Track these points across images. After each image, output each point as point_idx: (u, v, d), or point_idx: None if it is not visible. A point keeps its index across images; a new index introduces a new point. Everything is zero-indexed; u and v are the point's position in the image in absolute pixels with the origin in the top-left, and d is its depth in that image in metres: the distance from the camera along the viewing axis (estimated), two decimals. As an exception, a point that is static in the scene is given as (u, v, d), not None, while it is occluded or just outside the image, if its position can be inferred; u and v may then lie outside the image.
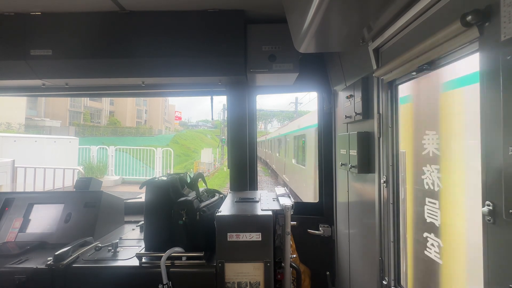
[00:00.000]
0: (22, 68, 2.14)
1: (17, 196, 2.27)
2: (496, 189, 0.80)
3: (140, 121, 52.27)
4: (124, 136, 38.63)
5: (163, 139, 41.51)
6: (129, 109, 49.24)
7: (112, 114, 47.49)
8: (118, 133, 39.54)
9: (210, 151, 22.93)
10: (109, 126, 41.76)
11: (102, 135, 36.97)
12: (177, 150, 38.72)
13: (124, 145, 19.27)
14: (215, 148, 30.34)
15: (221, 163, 26.75)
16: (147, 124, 51.76)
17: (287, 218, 1.63)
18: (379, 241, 1.63)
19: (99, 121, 44.92)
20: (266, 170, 24.93)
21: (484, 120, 0.85)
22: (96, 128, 39.03)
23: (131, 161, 16.52)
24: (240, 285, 1.56)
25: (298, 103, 29.85)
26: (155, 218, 1.74)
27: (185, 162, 31.56)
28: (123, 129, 41.87)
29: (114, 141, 30.99)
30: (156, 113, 55.26)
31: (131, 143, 30.95)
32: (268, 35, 2.19)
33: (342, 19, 1.33)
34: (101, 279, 1.63)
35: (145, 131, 44.22)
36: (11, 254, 1.80)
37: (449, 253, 1.20)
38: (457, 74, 1.13)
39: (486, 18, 0.83)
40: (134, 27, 2.08)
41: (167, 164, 15.23)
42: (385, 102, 1.58)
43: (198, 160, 22.13)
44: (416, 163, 1.40)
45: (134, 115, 50.58)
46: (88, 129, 37.40)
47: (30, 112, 32.95)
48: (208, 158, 21.77)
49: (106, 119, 45.74)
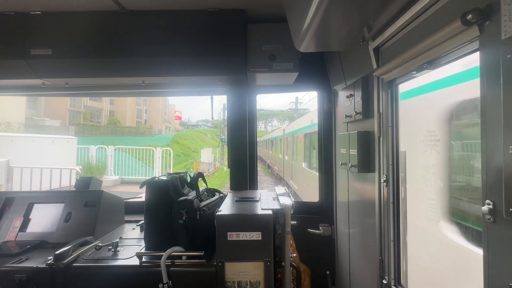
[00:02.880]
0: (22, 68, 2.14)
1: (17, 195, 2.27)
2: (496, 188, 0.80)
3: (140, 120, 52.13)
4: (124, 135, 38.40)
5: (163, 138, 41.35)
6: (129, 108, 49.15)
7: (112, 114, 47.37)
8: (118, 132, 39.30)
9: (210, 151, 22.63)
10: (109, 126, 41.53)
11: (102, 135, 36.72)
12: (177, 150, 38.50)
13: (124, 144, 19.08)
14: (215, 148, 30.11)
15: (221, 163, 26.45)
16: (147, 124, 51.55)
17: (287, 218, 1.63)
18: (379, 241, 1.63)
19: (99, 120, 44.82)
20: (266, 170, 24.43)
21: (484, 118, 0.85)
22: (96, 128, 38.86)
23: (131, 161, 16.42)
24: (240, 284, 1.56)
25: (298, 103, 29.90)
26: (155, 218, 1.74)
27: (185, 161, 31.38)
28: (123, 128, 41.65)
29: (114, 141, 30.75)
30: (156, 112, 55.13)
31: (131, 143, 30.58)
32: (268, 34, 2.19)
33: (342, 18, 1.32)
34: (101, 278, 1.63)
35: (145, 130, 43.99)
36: (11, 253, 1.80)
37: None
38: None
39: (486, 17, 0.83)
40: (134, 27, 2.08)
41: (167, 163, 15.15)
42: (385, 101, 1.58)
43: (198, 160, 21.82)
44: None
45: (134, 114, 50.51)
46: (88, 128, 37.16)
47: (30, 112, 32.71)
48: (208, 158, 21.51)
49: (106, 118, 45.60)
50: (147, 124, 51.79)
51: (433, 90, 1.70)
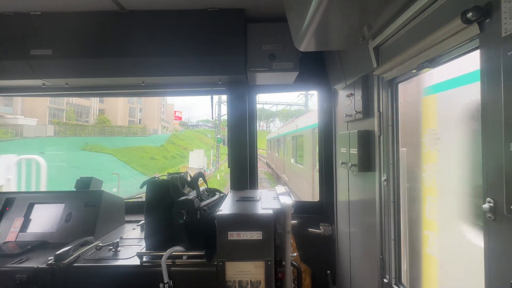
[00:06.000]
0: (22, 68, 2.14)
1: (18, 196, 2.27)
2: (497, 185, 0.80)
3: (133, 119, 49.88)
4: (113, 135, 36.02)
5: (158, 139, 39.38)
6: (121, 107, 46.63)
7: (102, 112, 44.81)
8: (107, 132, 36.99)
9: (202, 153, 18.63)
10: (96, 125, 39.06)
11: (88, 135, 34.31)
12: (173, 151, 36.79)
13: (111, 146, 17.02)
14: (215, 148, 26.68)
15: (217, 167, 21.43)
16: (141, 123, 49.39)
17: (288, 217, 1.63)
18: (380, 240, 1.63)
19: (87, 119, 42.27)
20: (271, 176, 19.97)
21: (485, 116, 0.85)
22: (81, 127, 36.17)
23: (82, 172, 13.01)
24: (241, 284, 1.56)
25: (298, 103, 29.89)
26: (155, 217, 1.74)
27: (180, 164, 28.74)
28: (113, 128, 39.42)
29: (101, 142, 29.08)
30: (151, 111, 53.29)
31: (119, 144, 28.64)
32: (268, 34, 2.19)
33: (342, 17, 1.32)
34: (102, 278, 1.63)
35: (137, 130, 41.96)
36: (12, 253, 1.80)
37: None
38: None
39: (486, 15, 0.83)
40: (134, 27, 2.08)
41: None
42: (386, 101, 1.58)
43: (185, 165, 17.61)
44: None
45: (126, 113, 48.13)
46: (71, 128, 34.55)
47: (5, 109, 30.67)
48: (198, 162, 17.34)
49: (95, 117, 43.00)
50: (142, 123, 49.59)
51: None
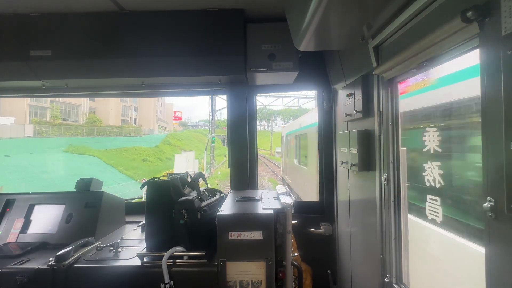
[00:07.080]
0: (22, 69, 2.14)
1: (18, 197, 2.27)
2: (497, 184, 0.80)
3: (126, 119, 46.49)
4: (103, 136, 32.81)
5: (152, 139, 36.81)
6: (113, 105, 43.15)
7: (93, 111, 41.29)
8: (96, 132, 33.75)
9: (192, 155, 15.67)
10: (84, 125, 35.50)
11: (75, 135, 31.11)
12: (168, 152, 34.47)
13: (100, 147, 15.00)
14: (216, 149, 23.61)
15: (211, 172, 17.55)
16: (137, 123, 46.29)
17: (288, 217, 1.63)
18: (381, 239, 1.63)
19: (77, 119, 38.82)
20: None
21: (485, 115, 0.85)
22: (67, 127, 32.49)
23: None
24: (242, 284, 1.56)
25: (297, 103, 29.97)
26: (156, 218, 1.74)
27: (173, 167, 24.45)
28: (103, 128, 35.86)
29: (88, 142, 26.19)
30: (147, 111, 50.51)
31: (110, 145, 25.96)
32: (267, 34, 2.19)
33: (341, 17, 1.32)
34: (102, 279, 1.63)
35: (131, 130, 38.70)
36: (12, 255, 1.80)
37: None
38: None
39: (486, 14, 0.83)
40: (134, 27, 2.08)
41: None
42: (386, 100, 1.58)
43: (171, 170, 14.31)
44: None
45: (119, 112, 44.70)
46: (55, 128, 30.95)
47: None
48: (187, 166, 13.95)
49: (85, 116, 39.41)
50: (137, 123, 46.56)
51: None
